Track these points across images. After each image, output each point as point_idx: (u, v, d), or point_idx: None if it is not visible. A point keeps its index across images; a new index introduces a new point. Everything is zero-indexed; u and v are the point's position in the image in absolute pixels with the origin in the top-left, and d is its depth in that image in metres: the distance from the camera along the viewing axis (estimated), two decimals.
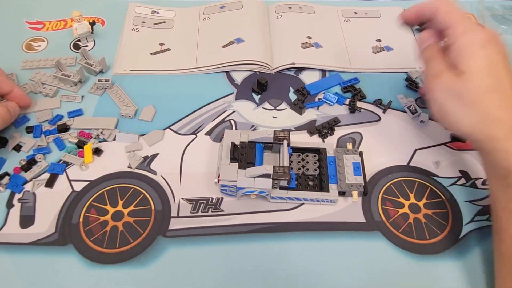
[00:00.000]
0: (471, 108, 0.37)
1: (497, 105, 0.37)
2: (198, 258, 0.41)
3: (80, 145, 0.47)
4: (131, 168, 0.47)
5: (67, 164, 0.46)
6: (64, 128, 0.49)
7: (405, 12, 0.45)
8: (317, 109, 0.53)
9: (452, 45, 0.39)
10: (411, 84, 0.55)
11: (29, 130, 0.49)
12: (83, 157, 0.46)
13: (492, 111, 0.37)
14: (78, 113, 0.51)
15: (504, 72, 0.37)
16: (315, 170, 0.45)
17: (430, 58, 0.42)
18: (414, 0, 0.68)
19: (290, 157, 0.45)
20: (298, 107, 0.52)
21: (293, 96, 0.54)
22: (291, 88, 0.55)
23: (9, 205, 0.43)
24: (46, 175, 0.45)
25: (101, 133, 0.49)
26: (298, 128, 0.51)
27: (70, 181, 0.45)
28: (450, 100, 0.39)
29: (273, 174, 0.41)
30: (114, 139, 0.49)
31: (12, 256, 0.40)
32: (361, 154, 0.46)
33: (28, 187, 0.45)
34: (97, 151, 0.47)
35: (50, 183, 0.45)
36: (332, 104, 0.53)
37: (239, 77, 0.57)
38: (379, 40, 0.62)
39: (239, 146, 0.44)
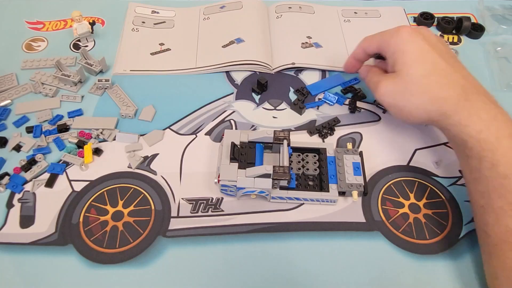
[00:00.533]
0: (418, 95, 0.41)
1: (439, 85, 0.40)
2: (198, 258, 0.41)
3: (80, 145, 0.47)
4: (131, 168, 0.47)
5: (67, 164, 0.46)
6: (64, 128, 0.49)
7: (347, 63, 0.53)
8: (317, 109, 0.53)
9: (387, 53, 0.45)
10: None
11: (29, 130, 0.49)
12: (83, 157, 0.46)
13: (437, 91, 0.40)
14: (78, 113, 0.51)
15: (437, 55, 0.41)
16: (315, 170, 0.45)
17: (369, 78, 0.48)
18: (415, 0, 0.69)
19: (290, 157, 0.45)
20: (298, 107, 0.52)
21: (293, 96, 0.54)
22: (291, 88, 0.55)
23: (9, 205, 0.43)
24: (46, 175, 0.45)
25: (101, 133, 0.49)
26: (298, 128, 0.51)
27: (70, 181, 0.45)
28: (397, 98, 0.43)
29: (273, 174, 0.41)
30: (114, 139, 0.49)
31: (12, 256, 0.40)
32: (361, 154, 0.46)
33: (28, 187, 0.45)
34: (97, 151, 0.47)
35: (50, 183, 0.45)
36: (332, 104, 0.53)
37: (239, 77, 0.57)
38: None
39: (239, 146, 0.44)
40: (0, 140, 0.47)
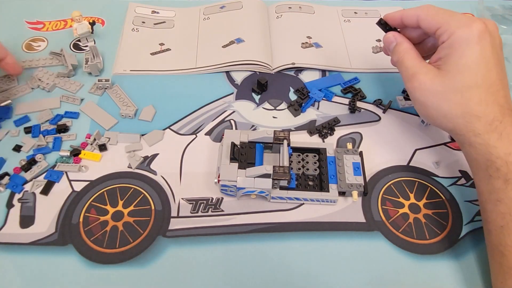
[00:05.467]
0: (452, 105, 0.38)
1: (479, 101, 0.37)
2: (198, 258, 0.41)
3: (75, 154, 0.47)
4: (131, 168, 0.47)
5: (64, 172, 0.46)
6: (64, 129, 0.49)
7: (390, 14, 0.44)
8: (317, 109, 0.53)
9: (445, 41, 0.39)
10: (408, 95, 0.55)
11: (28, 130, 0.49)
12: (78, 163, 0.46)
13: (473, 107, 0.38)
14: (74, 115, 0.51)
15: (493, 66, 0.38)
16: (315, 170, 0.45)
17: (401, 60, 0.42)
18: (414, 0, 0.69)
19: (290, 157, 0.45)
20: (294, 108, 0.52)
21: (293, 96, 0.54)
22: (291, 88, 0.55)
23: (9, 205, 0.43)
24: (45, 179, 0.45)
25: (95, 140, 0.48)
26: (298, 128, 0.51)
27: (70, 181, 0.45)
28: (429, 98, 0.39)
29: (273, 174, 0.41)
30: (114, 143, 0.49)
31: (12, 256, 0.40)
32: (361, 154, 0.46)
33: (28, 187, 0.45)
34: (101, 148, 0.47)
35: (45, 191, 0.44)
36: (319, 100, 0.53)
37: (239, 77, 0.57)
38: (379, 40, 0.62)
39: (239, 146, 0.44)
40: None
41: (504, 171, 0.36)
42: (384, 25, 0.45)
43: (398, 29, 0.45)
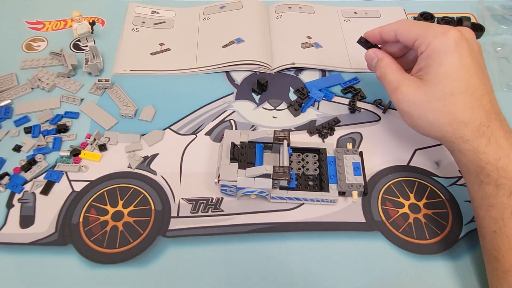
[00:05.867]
0: (437, 113, 0.38)
1: (463, 107, 0.37)
2: (198, 258, 0.41)
3: (75, 154, 0.47)
4: (131, 168, 0.47)
5: (64, 172, 0.46)
6: (64, 129, 0.49)
7: (369, 32, 0.46)
8: (317, 109, 0.53)
9: (423, 52, 0.40)
10: None
11: (28, 130, 0.49)
12: (78, 163, 0.46)
13: (459, 113, 0.38)
14: (74, 115, 0.51)
15: (475, 72, 0.38)
16: (315, 170, 0.45)
17: (384, 75, 0.43)
18: (415, 0, 0.69)
19: (290, 157, 0.45)
20: (294, 109, 0.52)
21: (293, 96, 0.54)
22: (291, 88, 0.55)
23: (9, 205, 0.43)
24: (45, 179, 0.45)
25: (94, 140, 0.48)
26: (298, 128, 0.51)
27: (70, 181, 0.45)
28: (415, 109, 0.40)
29: (273, 174, 0.41)
30: (114, 143, 0.49)
31: (12, 256, 0.40)
32: (361, 154, 0.46)
33: (28, 187, 0.45)
34: (101, 148, 0.47)
35: (45, 191, 0.44)
36: (319, 100, 0.53)
37: (239, 77, 0.57)
38: None
39: (239, 146, 0.44)
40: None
41: (494, 177, 0.36)
42: (364, 43, 0.46)
43: (379, 46, 0.46)
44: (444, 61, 0.38)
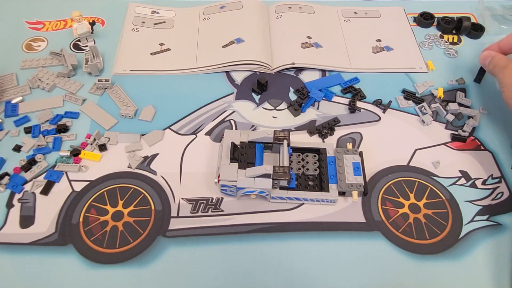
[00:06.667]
0: None
1: None
2: (198, 258, 0.41)
3: (75, 154, 0.47)
4: (131, 168, 0.47)
5: (64, 172, 0.46)
6: (64, 129, 0.49)
7: (488, 50, 0.51)
8: (317, 109, 0.53)
9: None
10: (408, 95, 0.55)
11: (28, 130, 0.49)
12: (78, 163, 0.46)
13: None
14: (74, 115, 0.51)
15: None
16: (315, 170, 0.45)
17: (495, 62, 0.48)
18: (415, 0, 0.69)
19: (290, 157, 0.45)
20: (294, 109, 0.52)
21: (293, 96, 0.54)
22: (291, 88, 0.55)
23: (9, 205, 0.43)
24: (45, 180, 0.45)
25: (94, 140, 0.48)
26: (298, 128, 0.51)
27: (70, 181, 0.45)
28: None
29: (273, 174, 0.41)
30: (114, 143, 0.49)
31: (12, 256, 0.40)
32: (361, 154, 0.46)
33: (28, 187, 0.45)
34: (101, 148, 0.47)
35: (45, 191, 0.44)
36: (319, 100, 0.53)
37: (239, 77, 0.57)
38: (379, 40, 0.62)
39: (239, 146, 0.44)
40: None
41: None
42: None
43: None
44: None
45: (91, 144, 0.48)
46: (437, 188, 0.46)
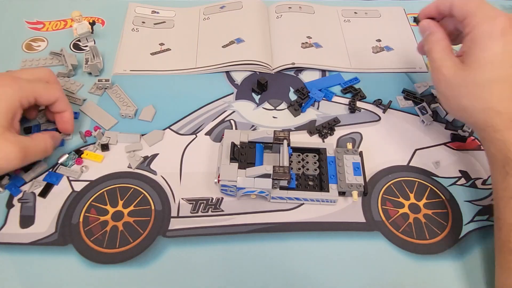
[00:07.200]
0: (473, 99, 0.38)
1: (500, 96, 0.37)
2: (198, 258, 0.41)
3: (78, 153, 0.47)
4: (131, 168, 0.47)
5: (63, 175, 0.46)
6: None
7: (425, 9, 0.45)
8: (317, 109, 0.53)
9: (468, 34, 0.39)
10: (408, 95, 0.55)
11: (28, 131, 0.49)
12: (80, 164, 0.46)
13: (495, 102, 0.37)
14: (74, 115, 0.50)
15: None
16: (315, 170, 0.45)
17: (430, 51, 0.42)
18: (415, 0, 0.69)
19: (290, 157, 0.45)
20: (294, 109, 0.52)
21: (293, 96, 0.54)
22: (291, 88, 0.55)
23: (9, 205, 0.43)
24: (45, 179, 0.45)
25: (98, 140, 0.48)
26: (298, 128, 0.51)
27: (70, 181, 0.45)
28: (451, 91, 0.40)
29: (273, 174, 0.41)
30: (114, 143, 0.49)
31: (12, 256, 0.40)
32: (361, 154, 0.46)
33: (26, 188, 0.45)
34: (103, 147, 0.47)
35: (44, 193, 0.44)
36: (319, 100, 0.53)
37: (239, 77, 0.57)
38: (379, 40, 0.62)
39: (239, 146, 0.44)
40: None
41: None
42: (419, 22, 0.45)
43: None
44: (487, 46, 0.37)
45: (94, 144, 0.48)
46: (437, 188, 0.46)
